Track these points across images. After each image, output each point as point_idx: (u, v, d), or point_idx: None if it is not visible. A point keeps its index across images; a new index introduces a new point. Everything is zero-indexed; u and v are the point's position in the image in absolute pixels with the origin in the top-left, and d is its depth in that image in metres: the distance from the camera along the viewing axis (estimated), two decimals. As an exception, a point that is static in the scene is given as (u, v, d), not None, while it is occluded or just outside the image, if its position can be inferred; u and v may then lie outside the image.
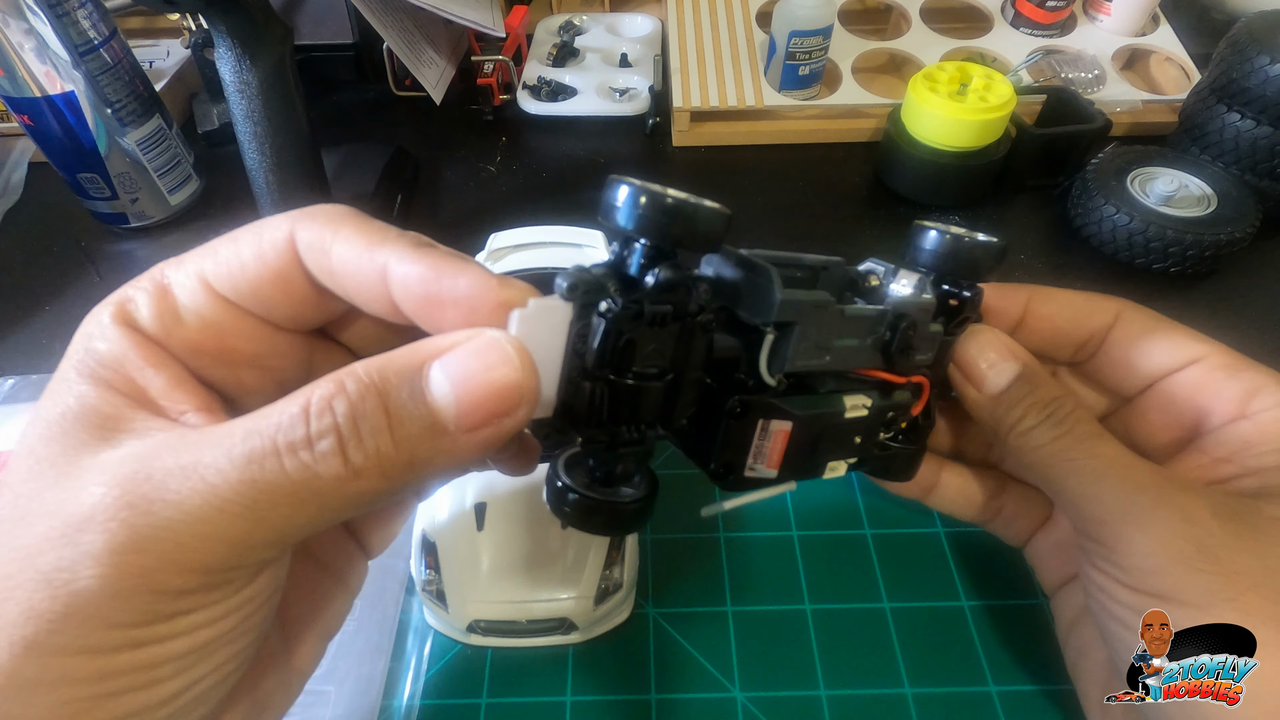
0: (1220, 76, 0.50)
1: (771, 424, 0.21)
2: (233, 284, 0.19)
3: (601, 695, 0.32)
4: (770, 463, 0.21)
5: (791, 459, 0.22)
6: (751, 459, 0.21)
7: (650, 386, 0.19)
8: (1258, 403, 0.24)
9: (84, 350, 0.18)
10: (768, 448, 0.21)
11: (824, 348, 0.22)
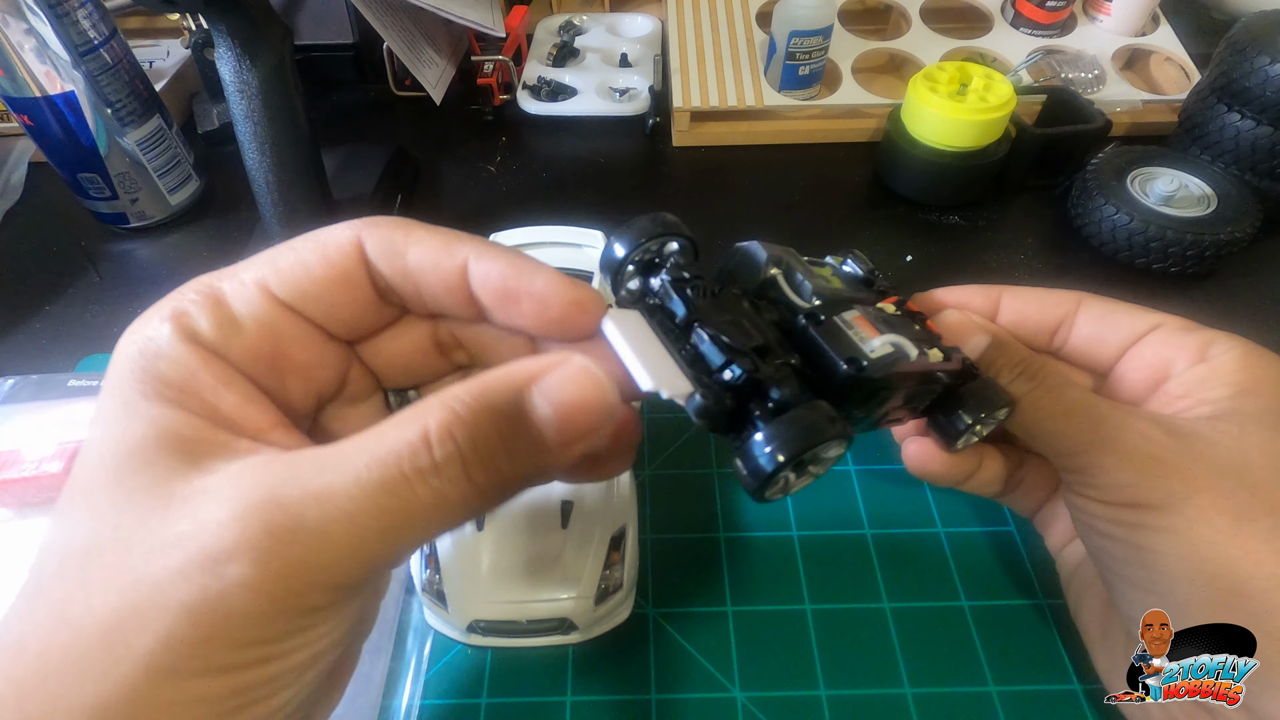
0: (1220, 76, 0.50)
1: (845, 314, 0.23)
2: (296, 288, 0.20)
3: (601, 695, 0.32)
4: (870, 333, 0.22)
5: (882, 330, 0.23)
6: (858, 340, 0.22)
7: (742, 300, 0.22)
8: (1213, 350, 0.28)
9: (145, 370, 0.18)
10: (862, 330, 0.22)
11: (821, 279, 0.24)
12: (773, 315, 0.23)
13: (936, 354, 0.24)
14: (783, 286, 0.22)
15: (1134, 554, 0.25)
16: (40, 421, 0.38)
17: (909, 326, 0.25)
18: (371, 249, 0.20)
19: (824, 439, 0.19)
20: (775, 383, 0.20)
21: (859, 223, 0.55)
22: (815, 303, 0.22)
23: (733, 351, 0.20)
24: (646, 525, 0.37)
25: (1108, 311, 0.30)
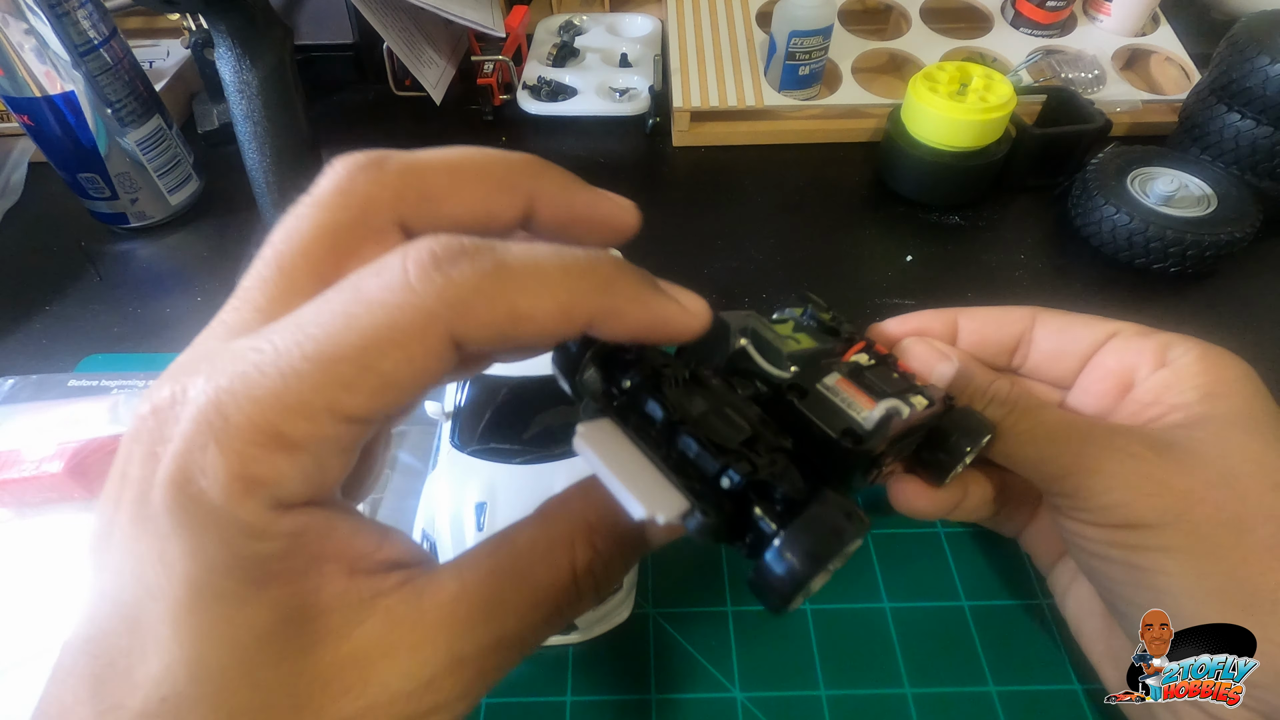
0: (1220, 76, 0.49)
1: (826, 379, 0.21)
2: (379, 407, 0.16)
3: (601, 695, 0.32)
4: (863, 402, 0.21)
5: (867, 390, 0.22)
6: (848, 410, 0.21)
7: (713, 380, 0.20)
8: (1173, 353, 0.27)
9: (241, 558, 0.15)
10: (848, 396, 0.21)
11: (790, 339, 0.23)
12: (748, 390, 0.21)
13: (921, 400, 0.23)
14: (755, 357, 0.21)
15: (1136, 575, 0.24)
16: (40, 421, 0.38)
17: (888, 376, 0.24)
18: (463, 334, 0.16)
19: (848, 541, 0.18)
20: (776, 479, 0.18)
21: (859, 223, 0.55)
22: (792, 370, 0.21)
23: (725, 454, 0.18)
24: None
25: (1064, 324, 0.30)
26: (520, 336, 0.16)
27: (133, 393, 0.41)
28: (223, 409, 0.15)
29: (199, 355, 0.17)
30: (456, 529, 0.32)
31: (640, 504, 0.16)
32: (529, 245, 0.17)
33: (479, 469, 0.34)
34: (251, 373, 0.15)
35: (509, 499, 0.33)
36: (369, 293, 0.15)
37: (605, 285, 0.17)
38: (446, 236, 0.16)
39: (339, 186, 0.18)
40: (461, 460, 0.34)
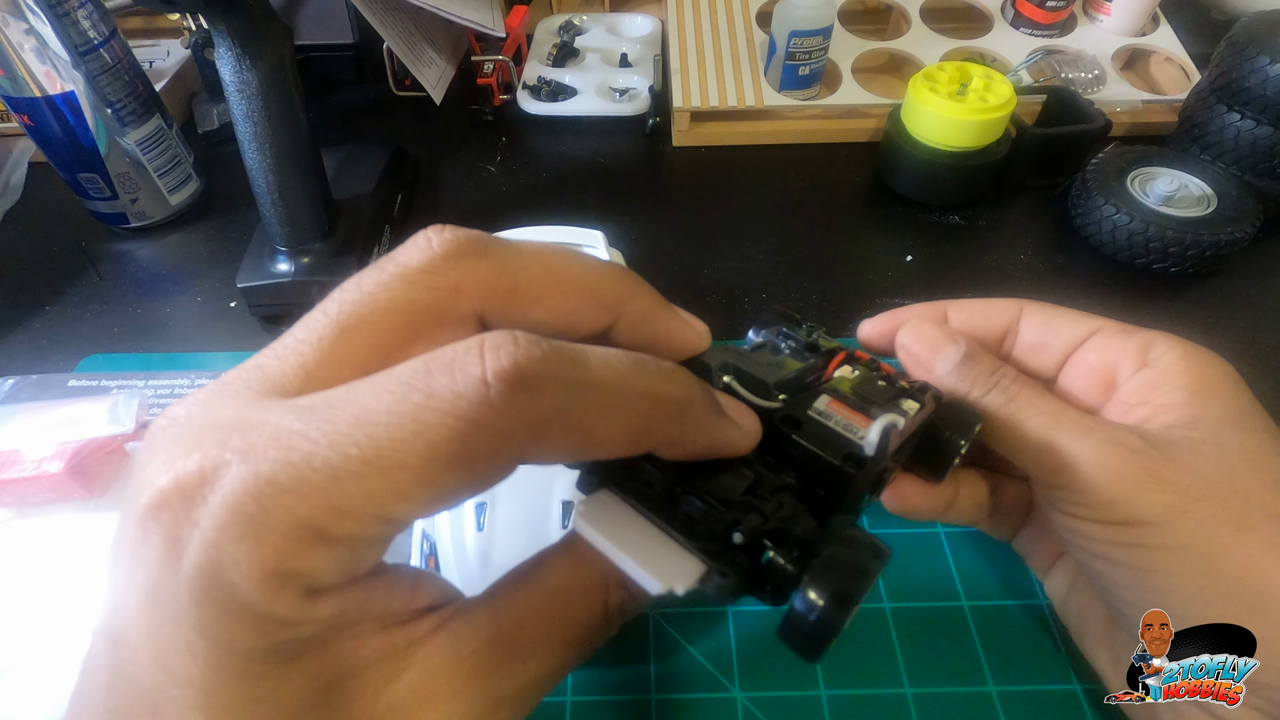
0: (1220, 76, 0.50)
1: (816, 403, 0.21)
2: (433, 513, 0.16)
3: (601, 695, 0.32)
4: (858, 421, 0.21)
5: (859, 407, 0.22)
6: (845, 433, 0.21)
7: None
8: (1154, 352, 0.27)
9: (281, 644, 0.15)
10: (842, 417, 0.21)
11: (770, 366, 0.22)
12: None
13: (912, 405, 0.23)
14: (742, 393, 0.20)
15: (1139, 577, 0.24)
16: (40, 421, 0.38)
17: (875, 386, 0.23)
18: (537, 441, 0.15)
19: (874, 577, 0.18)
20: (788, 524, 0.18)
21: (859, 223, 0.55)
22: (781, 399, 0.21)
23: (732, 507, 0.18)
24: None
25: (1048, 318, 0.29)
26: (585, 457, 0.16)
27: (133, 393, 0.41)
28: (263, 501, 0.13)
29: (232, 420, 0.15)
30: (456, 529, 0.32)
31: (655, 580, 0.16)
32: (609, 360, 0.16)
33: (479, 469, 0.34)
34: (299, 465, 0.14)
35: (509, 499, 0.33)
36: (443, 398, 0.14)
37: (678, 415, 0.17)
38: (527, 340, 0.15)
39: (430, 265, 0.17)
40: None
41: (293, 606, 0.14)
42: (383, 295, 0.16)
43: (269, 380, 0.16)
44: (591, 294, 0.18)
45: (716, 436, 0.18)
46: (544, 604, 0.18)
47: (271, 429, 0.14)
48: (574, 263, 0.18)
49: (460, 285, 0.17)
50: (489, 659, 0.17)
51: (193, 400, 0.16)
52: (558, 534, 0.32)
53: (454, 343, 0.15)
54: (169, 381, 0.43)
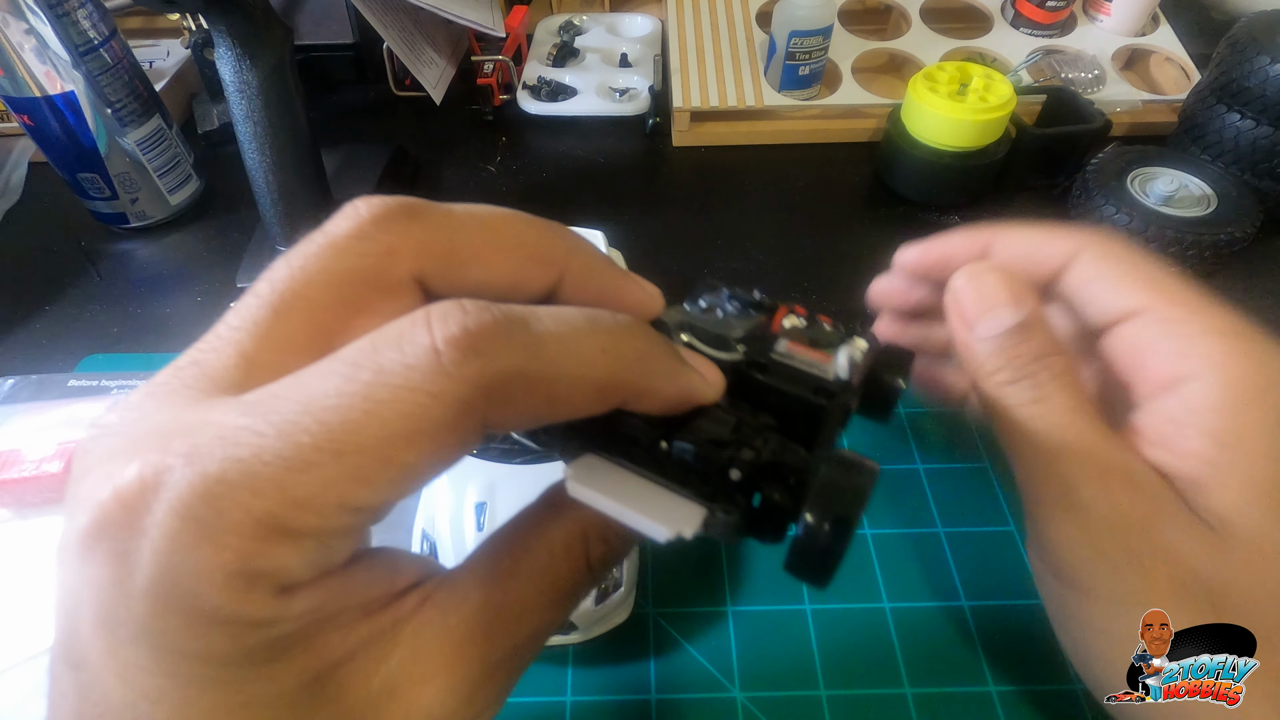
0: (1220, 76, 0.50)
1: (776, 347, 0.21)
2: (389, 495, 0.15)
3: (601, 695, 0.32)
4: (819, 358, 0.21)
5: (817, 346, 0.22)
6: (810, 370, 0.21)
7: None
8: (1186, 368, 0.23)
9: (259, 645, 0.14)
10: (804, 356, 0.21)
11: (723, 323, 0.23)
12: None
13: (862, 343, 0.23)
14: (704, 349, 0.21)
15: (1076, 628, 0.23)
16: (40, 421, 0.38)
17: (824, 331, 0.24)
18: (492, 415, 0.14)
19: (869, 494, 0.18)
20: (780, 456, 0.18)
21: (859, 223, 0.55)
22: (741, 349, 0.21)
23: (724, 447, 0.18)
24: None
25: (1095, 277, 0.25)
26: (550, 419, 0.15)
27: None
28: (214, 502, 0.13)
29: (172, 424, 0.14)
30: (456, 529, 0.32)
31: (662, 526, 0.16)
32: (561, 317, 0.15)
33: (479, 469, 0.34)
34: (249, 460, 0.13)
35: (509, 499, 0.33)
36: (394, 373, 0.13)
37: (641, 363, 0.16)
38: (475, 305, 0.14)
39: (360, 231, 0.16)
40: (462, 460, 0.34)
41: (264, 607, 0.13)
42: (314, 268, 0.16)
43: (207, 376, 0.15)
44: (532, 250, 0.18)
45: (683, 384, 0.17)
46: (528, 565, 0.18)
47: (216, 428, 0.13)
48: (512, 220, 0.18)
49: (394, 249, 0.16)
50: (478, 626, 0.17)
51: (126, 406, 0.15)
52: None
53: (399, 318, 0.14)
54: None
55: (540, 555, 0.18)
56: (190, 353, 0.16)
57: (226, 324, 0.16)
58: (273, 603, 0.14)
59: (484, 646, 0.16)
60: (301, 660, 0.15)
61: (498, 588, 0.17)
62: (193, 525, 0.13)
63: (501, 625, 0.17)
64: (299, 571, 0.14)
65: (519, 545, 0.18)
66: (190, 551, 0.13)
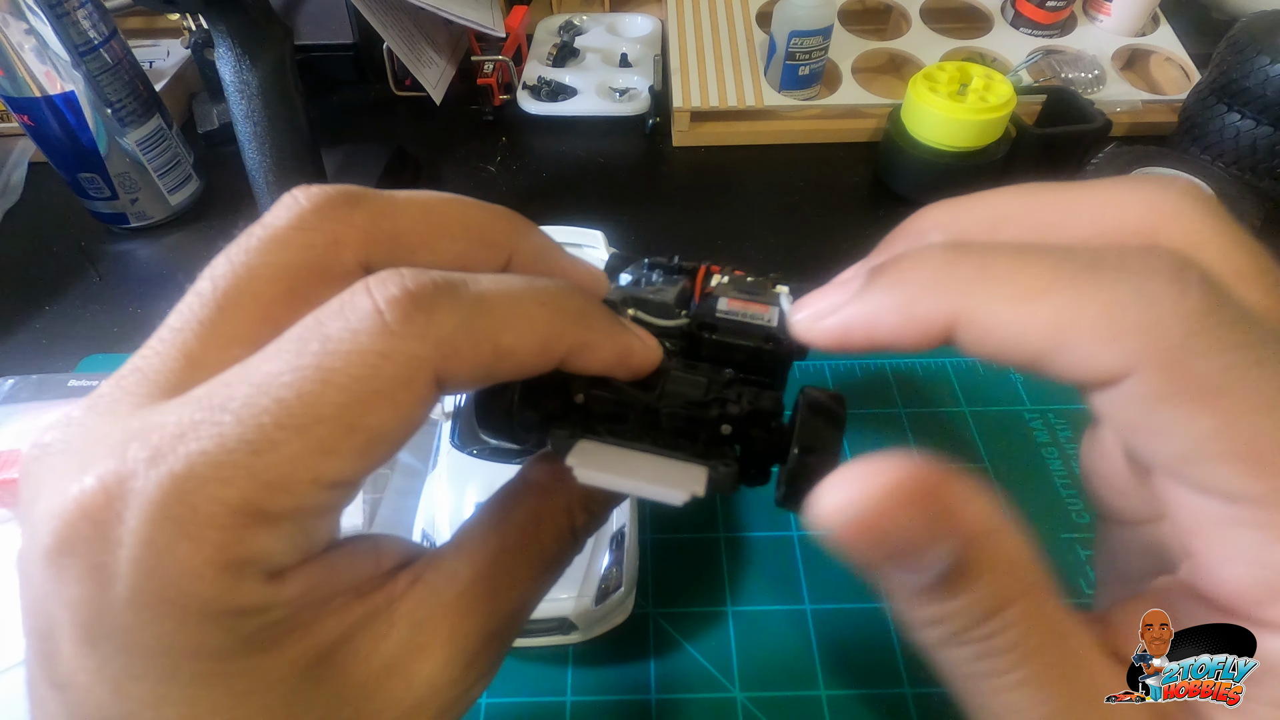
0: (1220, 76, 0.50)
1: (718, 306, 0.22)
2: (363, 467, 0.14)
3: (601, 695, 0.32)
4: (758, 309, 0.23)
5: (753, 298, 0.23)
6: (756, 321, 0.22)
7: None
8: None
9: (239, 636, 0.14)
10: (745, 310, 0.23)
11: (654, 291, 0.24)
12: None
13: (783, 286, 0.25)
14: (651, 320, 0.22)
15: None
16: (40, 421, 0.38)
17: (747, 282, 0.25)
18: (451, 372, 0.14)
19: (844, 420, 0.19)
20: (756, 404, 0.19)
21: (859, 223, 0.55)
22: (683, 315, 0.22)
23: (706, 406, 0.19)
24: (646, 525, 0.37)
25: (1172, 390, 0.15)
26: (500, 373, 0.15)
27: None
28: (187, 498, 0.12)
29: (121, 432, 0.13)
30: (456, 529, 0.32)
31: (677, 491, 0.17)
32: (500, 278, 0.16)
33: (479, 469, 0.34)
34: (213, 451, 0.13)
35: (509, 499, 0.33)
36: (341, 340, 0.13)
37: (580, 318, 0.16)
38: (412, 270, 0.14)
39: (302, 222, 0.16)
40: (461, 460, 0.34)
41: (255, 594, 0.13)
42: (257, 263, 0.15)
43: (150, 381, 0.15)
44: (479, 234, 0.18)
45: (622, 341, 0.18)
46: (515, 537, 0.18)
47: (171, 427, 0.13)
48: (457, 205, 0.18)
49: (338, 237, 0.16)
50: (472, 599, 0.17)
51: (68, 421, 0.15)
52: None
53: (337, 295, 0.14)
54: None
55: (528, 529, 0.18)
56: (132, 360, 0.15)
57: (168, 326, 0.16)
58: (263, 589, 0.14)
59: (479, 618, 0.17)
60: (299, 645, 0.15)
61: (488, 562, 0.18)
62: (168, 526, 0.12)
63: (494, 597, 0.17)
64: (283, 555, 0.14)
65: (505, 521, 0.19)
66: (171, 552, 0.12)
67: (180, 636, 0.13)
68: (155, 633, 0.13)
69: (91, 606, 0.13)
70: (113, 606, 0.13)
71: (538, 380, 0.18)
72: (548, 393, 0.19)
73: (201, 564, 0.13)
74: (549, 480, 0.19)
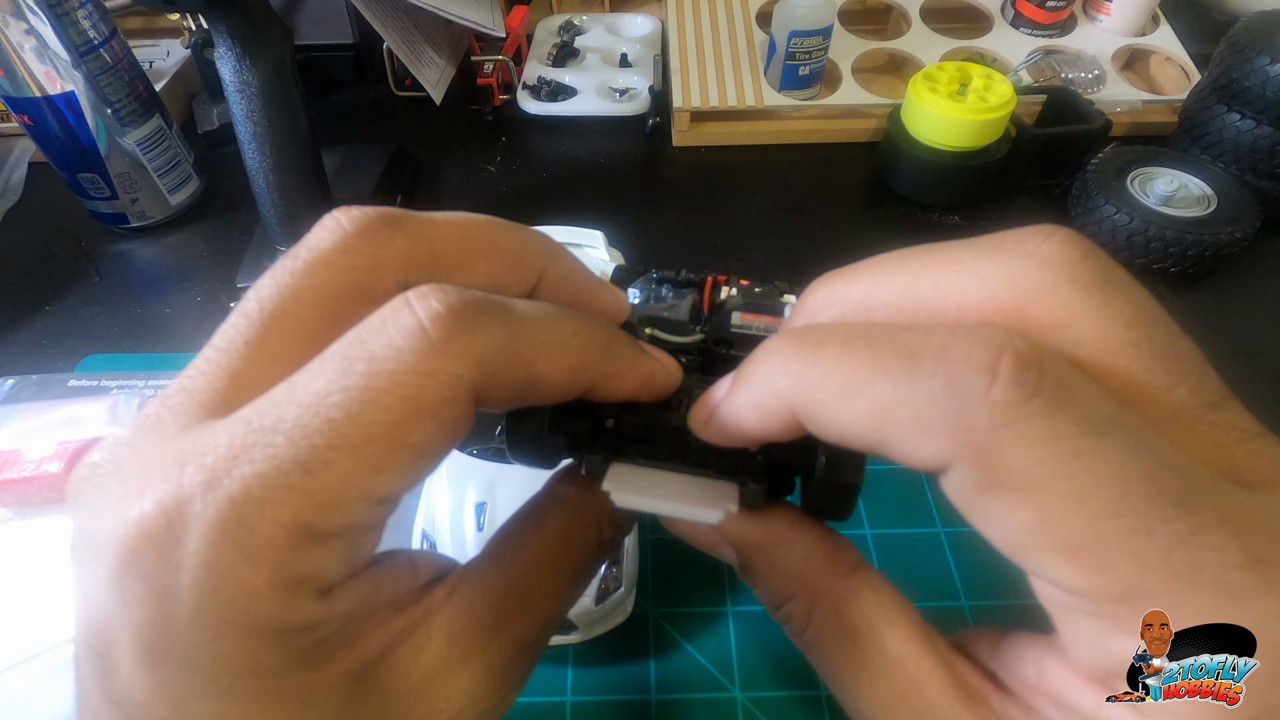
0: (1220, 76, 0.50)
1: (732, 321, 0.23)
2: (400, 484, 0.15)
3: (601, 695, 0.32)
4: (771, 321, 0.23)
5: (764, 311, 0.23)
6: (770, 334, 0.22)
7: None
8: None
9: (294, 652, 0.14)
10: (758, 323, 0.23)
11: (667, 308, 0.24)
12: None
13: (791, 296, 0.25)
14: (668, 339, 0.22)
15: None
16: (40, 421, 0.38)
17: (756, 293, 0.25)
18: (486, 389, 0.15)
19: None
20: None
21: (859, 223, 0.55)
22: (699, 330, 0.22)
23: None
24: (646, 525, 0.37)
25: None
26: (529, 399, 0.16)
27: (133, 393, 0.41)
28: (245, 520, 0.13)
29: (173, 455, 0.14)
30: (456, 529, 0.32)
31: (712, 511, 0.17)
32: (535, 305, 0.16)
33: (479, 469, 0.34)
34: (268, 473, 0.13)
35: (509, 499, 0.33)
36: (386, 358, 0.14)
37: (608, 349, 0.17)
38: (454, 288, 0.15)
39: (345, 244, 0.16)
40: (461, 460, 0.34)
41: (310, 611, 0.14)
42: (302, 284, 0.16)
43: (196, 402, 0.15)
44: (512, 257, 0.18)
45: (645, 369, 0.18)
46: (547, 551, 0.19)
47: (224, 449, 0.13)
48: (492, 228, 0.18)
49: (380, 260, 0.16)
50: (506, 611, 0.17)
51: (116, 443, 0.15)
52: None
53: (375, 312, 0.15)
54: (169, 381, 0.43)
55: (558, 543, 0.19)
56: (178, 380, 0.16)
57: (213, 346, 0.16)
58: (316, 606, 0.14)
59: (513, 630, 0.17)
60: (347, 659, 0.15)
61: (521, 575, 0.18)
62: (229, 548, 0.13)
63: (527, 609, 0.18)
64: (334, 571, 0.14)
65: (537, 534, 0.19)
66: (232, 573, 0.13)
67: (239, 655, 0.13)
68: (216, 651, 0.13)
69: (155, 627, 0.13)
70: (175, 626, 0.13)
71: (565, 405, 0.18)
72: (576, 416, 0.19)
73: (261, 584, 0.13)
74: (579, 496, 0.20)
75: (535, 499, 0.20)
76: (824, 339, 0.15)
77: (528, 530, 0.19)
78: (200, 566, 0.13)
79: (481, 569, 0.18)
